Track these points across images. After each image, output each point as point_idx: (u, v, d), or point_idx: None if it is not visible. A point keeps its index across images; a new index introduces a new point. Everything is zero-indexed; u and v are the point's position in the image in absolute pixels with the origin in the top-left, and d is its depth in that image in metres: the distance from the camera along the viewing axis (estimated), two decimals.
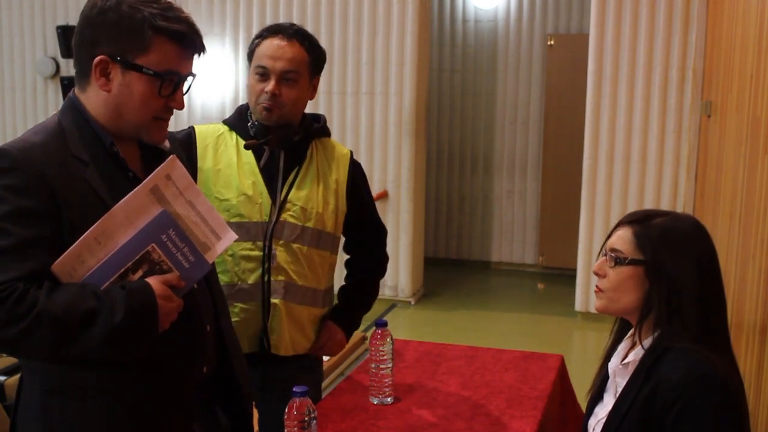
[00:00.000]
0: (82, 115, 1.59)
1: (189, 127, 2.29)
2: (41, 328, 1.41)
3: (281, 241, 2.22)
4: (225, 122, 2.34)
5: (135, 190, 1.53)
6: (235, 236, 1.65)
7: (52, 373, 1.55)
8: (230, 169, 2.23)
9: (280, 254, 2.22)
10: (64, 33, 6.63)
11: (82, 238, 1.48)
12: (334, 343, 2.39)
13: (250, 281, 2.21)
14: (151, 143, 1.66)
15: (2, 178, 1.46)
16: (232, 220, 2.18)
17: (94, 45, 1.55)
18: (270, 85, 2.17)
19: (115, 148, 1.59)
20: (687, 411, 1.55)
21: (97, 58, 1.54)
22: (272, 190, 2.23)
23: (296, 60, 2.20)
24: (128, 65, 1.55)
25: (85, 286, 1.47)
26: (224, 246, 1.63)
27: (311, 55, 2.25)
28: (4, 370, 2.95)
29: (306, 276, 2.27)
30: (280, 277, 2.22)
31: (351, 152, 2.41)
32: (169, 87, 1.58)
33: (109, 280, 1.50)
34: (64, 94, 6.63)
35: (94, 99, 1.58)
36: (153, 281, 1.51)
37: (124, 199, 1.52)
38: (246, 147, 2.22)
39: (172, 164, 1.58)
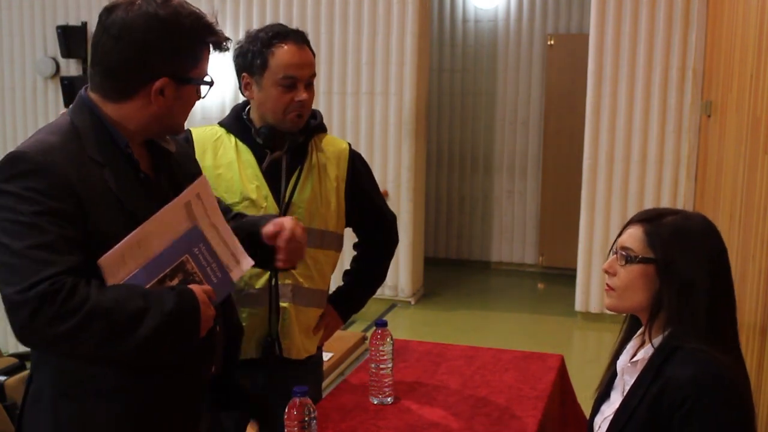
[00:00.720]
0: (96, 116, 1.57)
1: (186, 130, 2.25)
2: (93, 323, 1.39)
3: None
4: (221, 124, 2.31)
5: (172, 202, 1.56)
6: (252, 262, 1.66)
7: (64, 374, 1.55)
8: (231, 172, 2.22)
9: None
10: (64, 33, 6.61)
11: (127, 238, 1.48)
12: (328, 328, 2.42)
13: (257, 286, 2.20)
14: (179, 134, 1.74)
15: (26, 180, 1.43)
16: None
17: (152, 68, 1.54)
18: (304, 94, 2.18)
19: (130, 150, 1.58)
20: (694, 411, 1.55)
21: (159, 82, 1.54)
22: (276, 193, 2.22)
23: (313, 64, 2.23)
24: (186, 81, 1.58)
25: (133, 287, 1.48)
26: (242, 271, 1.66)
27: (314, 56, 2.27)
28: (4, 370, 2.96)
29: (312, 278, 2.27)
30: (288, 281, 2.23)
31: (349, 145, 2.40)
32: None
33: (149, 284, 1.52)
34: (64, 94, 6.62)
35: (136, 112, 1.57)
36: (195, 287, 1.53)
37: (163, 209, 1.54)
38: (273, 159, 2.20)
39: (203, 183, 1.62)
